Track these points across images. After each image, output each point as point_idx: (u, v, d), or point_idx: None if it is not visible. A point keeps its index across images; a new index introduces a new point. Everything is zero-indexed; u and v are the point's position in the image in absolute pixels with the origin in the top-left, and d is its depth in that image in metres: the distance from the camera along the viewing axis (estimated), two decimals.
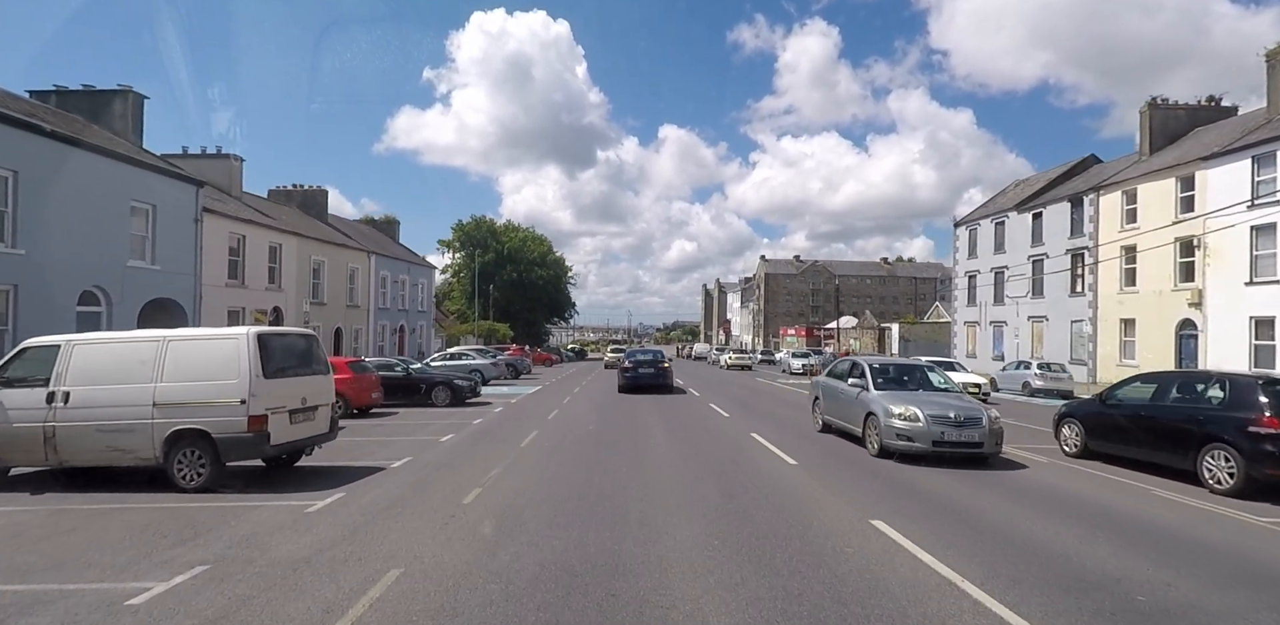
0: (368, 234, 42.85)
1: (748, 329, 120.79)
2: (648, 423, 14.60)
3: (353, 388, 15.16)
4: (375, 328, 37.98)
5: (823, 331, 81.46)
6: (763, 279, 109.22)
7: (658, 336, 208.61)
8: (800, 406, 17.78)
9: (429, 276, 46.89)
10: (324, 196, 37.36)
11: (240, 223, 25.74)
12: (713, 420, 15.22)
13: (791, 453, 10.78)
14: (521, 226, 73.78)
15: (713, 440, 12.21)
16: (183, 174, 22.54)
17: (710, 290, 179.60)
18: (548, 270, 70.27)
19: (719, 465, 9.72)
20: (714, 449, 11.24)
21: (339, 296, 33.86)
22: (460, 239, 67.96)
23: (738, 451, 10.96)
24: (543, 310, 73.02)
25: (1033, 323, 36.89)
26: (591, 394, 22.87)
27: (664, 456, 10.46)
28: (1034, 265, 37.00)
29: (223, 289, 24.54)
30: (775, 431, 13.25)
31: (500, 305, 67.72)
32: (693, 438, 12.50)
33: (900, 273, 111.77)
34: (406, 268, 42.78)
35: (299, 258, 30.14)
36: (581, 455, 10.49)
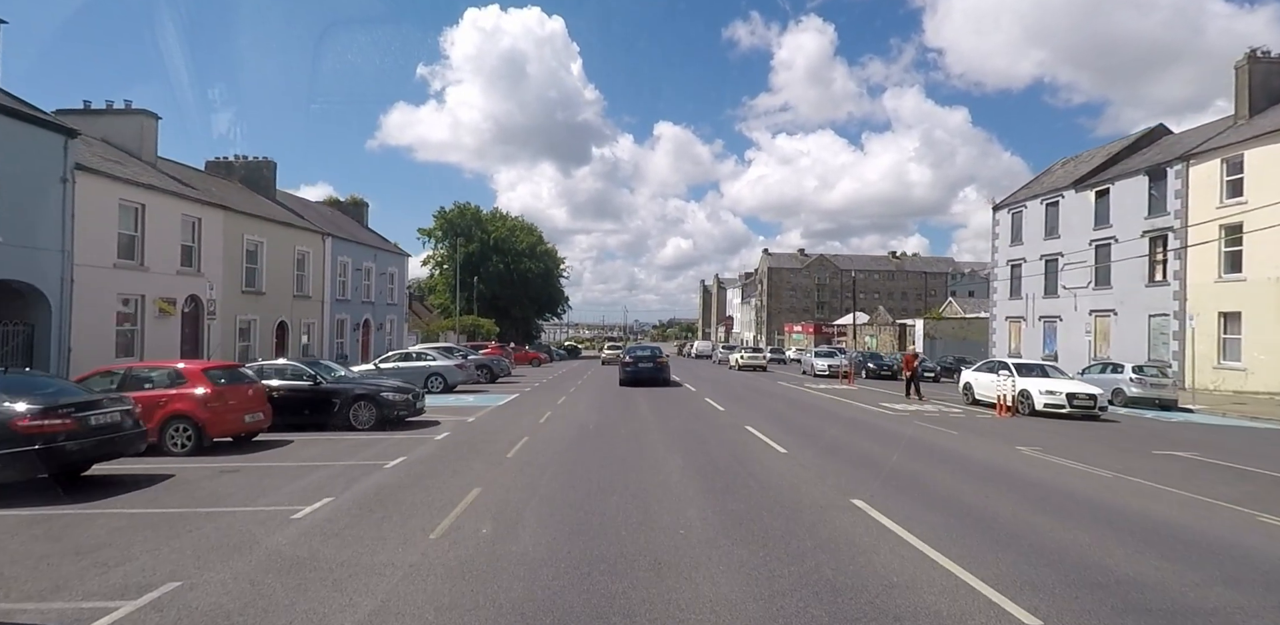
0: (328, 216, 37.49)
1: (749, 326, 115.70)
2: (674, 474, 8.90)
3: (209, 407, 9.89)
4: (331, 322, 32.66)
5: (833, 328, 76.33)
6: (765, 274, 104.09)
7: (654, 334, 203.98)
8: (889, 435, 12.62)
9: (401, 265, 41.61)
10: (271, 170, 32.01)
11: (138, 189, 20.40)
12: (779, 471, 8.90)
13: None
14: (510, 215, 68.41)
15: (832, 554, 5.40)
16: (44, 119, 17.19)
17: (709, 286, 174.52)
18: (538, 262, 64.87)
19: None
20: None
21: (283, 285, 28.54)
22: (443, 227, 62.58)
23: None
24: (533, 305, 67.68)
25: (1096, 318, 31.77)
26: (582, 406, 17.66)
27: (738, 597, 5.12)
28: (1098, 251, 31.89)
29: (110, 271, 19.22)
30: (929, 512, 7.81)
31: (486, 299, 62.41)
32: (782, 539, 5.71)
33: (909, 267, 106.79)
34: (373, 254, 37.45)
35: (228, 236, 24.82)
36: (556, 579, 5.04)
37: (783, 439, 11.46)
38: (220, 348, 24.31)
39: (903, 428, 13.69)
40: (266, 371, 12.76)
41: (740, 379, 30.76)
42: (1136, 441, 12.83)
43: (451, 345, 28.51)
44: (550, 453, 10.08)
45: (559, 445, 10.82)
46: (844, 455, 10.16)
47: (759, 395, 21.78)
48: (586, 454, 10.02)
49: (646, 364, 25.27)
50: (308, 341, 30.97)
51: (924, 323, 50.74)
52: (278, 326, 28.17)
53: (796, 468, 9.04)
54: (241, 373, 11.22)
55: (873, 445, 11.28)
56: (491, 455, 9.92)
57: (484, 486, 7.70)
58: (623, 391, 22.14)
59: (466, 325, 54.39)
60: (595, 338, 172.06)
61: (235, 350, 25.27)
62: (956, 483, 8.24)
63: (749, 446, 10.72)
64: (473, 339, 55.73)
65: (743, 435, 11.96)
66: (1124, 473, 9.10)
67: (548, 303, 71.48)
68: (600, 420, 14.22)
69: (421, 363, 21.31)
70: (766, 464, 9.21)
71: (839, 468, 9.08)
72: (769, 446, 10.72)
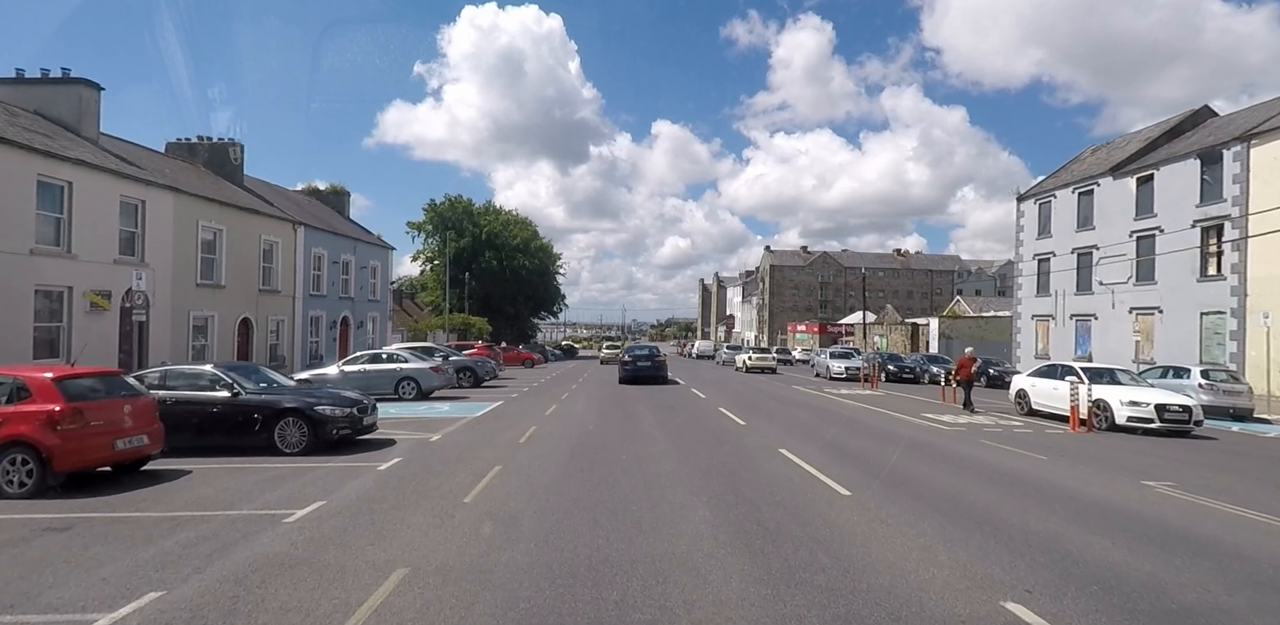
0: (304, 204, 34.74)
1: (750, 325, 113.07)
2: (702, 542, 6.03)
3: (58, 431, 7.20)
4: (304, 319, 29.92)
5: (839, 328, 73.72)
6: (767, 271, 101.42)
7: (652, 333, 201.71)
8: (965, 463, 10.03)
9: (385, 259, 38.85)
10: (238, 152, 29.24)
11: (63, 164, 17.66)
12: (858, 534, 5.92)
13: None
14: (504, 209, 65.63)
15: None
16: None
17: (708, 285, 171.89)
18: (532, 258, 62.06)
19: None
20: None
21: (247, 278, 25.81)
22: (433, 221, 59.76)
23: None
24: (528, 304, 64.94)
25: (1138, 316, 29.13)
26: (575, 417, 14.97)
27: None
28: (1139, 243, 29.25)
29: (25, 259, 16.49)
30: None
31: (479, 297, 59.71)
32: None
33: (915, 265, 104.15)
34: (353, 246, 34.70)
35: (179, 222, 22.10)
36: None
37: (837, 471, 8.76)
38: (169, 348, 21.59)
39: (974, 450, 11.02)
40: (172, 379, 10.05)
41: (750, 382, 28.09)
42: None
43: (431, 345, 25.82)
44: (526, 496, 7.40)
45: (539, 481, 8.13)
46: (927, 499, 7.43)
47: (779, 404, 19.11)
48: (576, 497, 7.34)
49: (645, 363, 26.01)
50: (276, 341, 28.24)
51: (939, 322, 48.11)
52: (240, 324, 25.44)
53: (875, 524, 6.31)
54: (120, 383, 8.49)
55: (954, 479, 8.60)
56: (443, 498, 7.22)
57: (413, 567, 4.99)
58: (622, 398, 19.51)
59: (457, 324, 51.65)
60: (593, 337, 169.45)
61: (188, 351, 22.55)
62: (1127, 554, 5.55)
63: (796, 485, 8.03)
64: (464, 339, 53.02)
65: (782, 466, 9.25)
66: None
67: (543, 301, 68.74)
68: (597, 440, 11.53)
69: (392, 365, 18.60)
70: (833, 519, 6.47)
71: (939, 525, 6.29)
72: (824, 485, 8.01)
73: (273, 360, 27.55)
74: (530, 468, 8.86)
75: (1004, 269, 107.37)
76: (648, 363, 25.90)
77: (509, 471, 8.57)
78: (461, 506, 6.89)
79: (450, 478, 8.22)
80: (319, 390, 10.50)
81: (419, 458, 9.58)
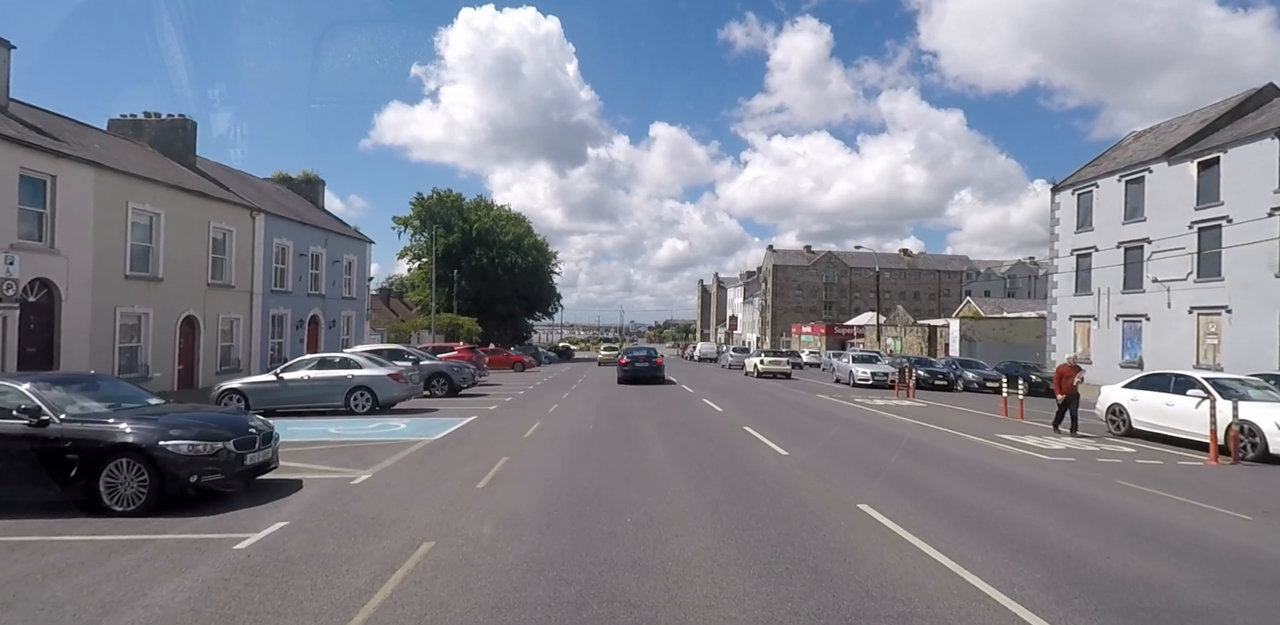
0: (269, 191, 31.47)
1: (752, 326, 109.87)
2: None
3: None
4: (264, 318, 26.65)
5: (848, 329, 70.54)
6: (770, 272, 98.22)
7: (651, 335, 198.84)
8: (1138, 527, 6.84)
9: (362, 253, 35.58)
10: (190, 131, 25.97)
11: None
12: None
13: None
14: (496, 204, 62.38)
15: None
16: None
17: (707, 286, 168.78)
18: (525, 256, 58.78)
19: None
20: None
21: (191, 270, 22.54)
22: (420, 216, 56.49)
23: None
24: (521, 303, 61.62)
25: (1200, 316, 25.94)
26: (561, 444, 11.67)
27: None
28: (1202, 234, 26.07)
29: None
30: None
31: (469, 296, 56.45)
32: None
33: (922, 265, 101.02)
34: (324, 238, 31.43)
35: (103, 203, 18.83)
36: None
37: (970, 553, 5.52)
38: (90, 350, 18.32)
39: (1124, 500, 7.76)
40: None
41: (767, 390, 24.86)
42: None
43: (401, 347, 22.54)
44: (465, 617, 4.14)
45: (487, 592, 4.84)
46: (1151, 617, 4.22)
47: (814, 420, 15.84)
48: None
49: (643, 364, 26.66)
50: (230, 342, 24.96)
51: (959, 323, 44.89)
52: (183, 322, 22.16)
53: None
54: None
55: (1151, 564, 5.38)
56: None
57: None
58: (624, 411, 16.30)
59: (444, 325, 48.39)
60: (590, 338, 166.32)
61: (114, 353, 19.27)
62: None
63: (906, 569, 4.80)
64: (453, 340, 49.76)
65: (882, 542, 5.91)
66: None
67: (538, 301, 65.50)
68: (588, 484, 8.19)
69: (342, 372, 15.31)
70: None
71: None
72: (985, 597, 4.78)
73: (226, 364, 24.29)
74: (479, 553, 5.54)
75: (1014, 269, 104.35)
76: (645, 364, 26.58)
77: (442, 562, 5.27)
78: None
79: (337, 575, 4.94)
80: (184, 416, 7.20)
81: (313, 523, 6.30)
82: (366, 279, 36.34)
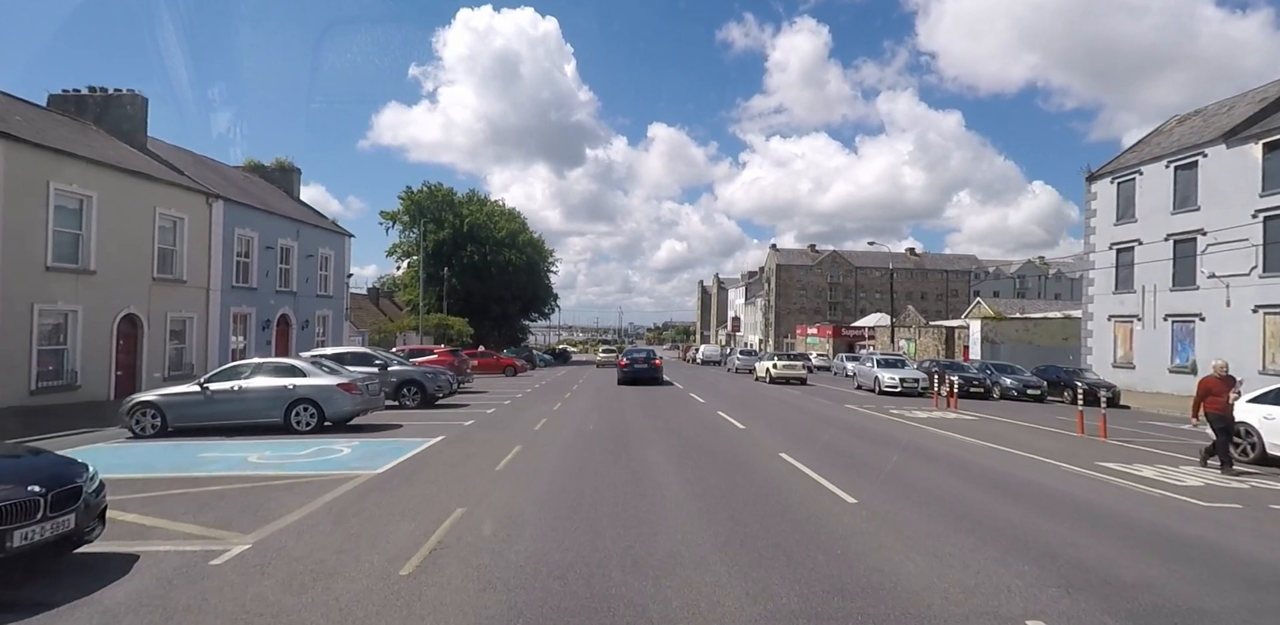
0: (235, 178, 28.72)
1: (753, 328, 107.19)
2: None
3: None
4: (223, 317, 23.90)
5: (857, 331, 67.85)
6: (773, 271, 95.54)
7: (650, 336, 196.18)
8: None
9: (340, 247, 32.83)
10: (139, 108, 23.21)
11: None
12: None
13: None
14: (489, 199, 59.61)
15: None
16: None
17: (708, 287, 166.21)
18: (520, 253, 55.95)
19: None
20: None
21: (132, 261, 19.82)
22: (410, 210, 53.69)
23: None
24: (515, 303, 58.76)
25: (1266, 315, 23.27)
26: (546, 477, 8.94)
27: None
28: (1268, 224, 23.43)
29: None
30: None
31: (460, 295, 53.70)
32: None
33: (929, 265, 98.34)
34: (295, 230, 28.69)
35: (14, 182, 16.09)
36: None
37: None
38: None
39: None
40: None
41: (786, 399, 22.12)
42: None
43: (369, 350, 19.75)
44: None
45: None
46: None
47: (861, 441, 13.04)
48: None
49: (642, 365, 27.80)
50: (182, 343, 22.21)
51: (980, 324, 42.19)
52: (122, 321, 19.41)
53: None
54: None
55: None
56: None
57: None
58: (625, 429, 13.63)
59: (432, 325, 45.64)
60: (589, 340, 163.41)
61: (31, 358, 16.52)
62: None
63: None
64: (445, 342, 47.02)
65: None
66: None
67: (533, 300, 62.65)
68: (578, 581, 5.38)
69: (282, 380, 12.54)
70: None
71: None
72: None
73: (177, 369, 21.54)
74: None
75: (1024, 269, 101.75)
76: (644, 365, 27.78)
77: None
78: None
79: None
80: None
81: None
82: (346, 275, 33.60)
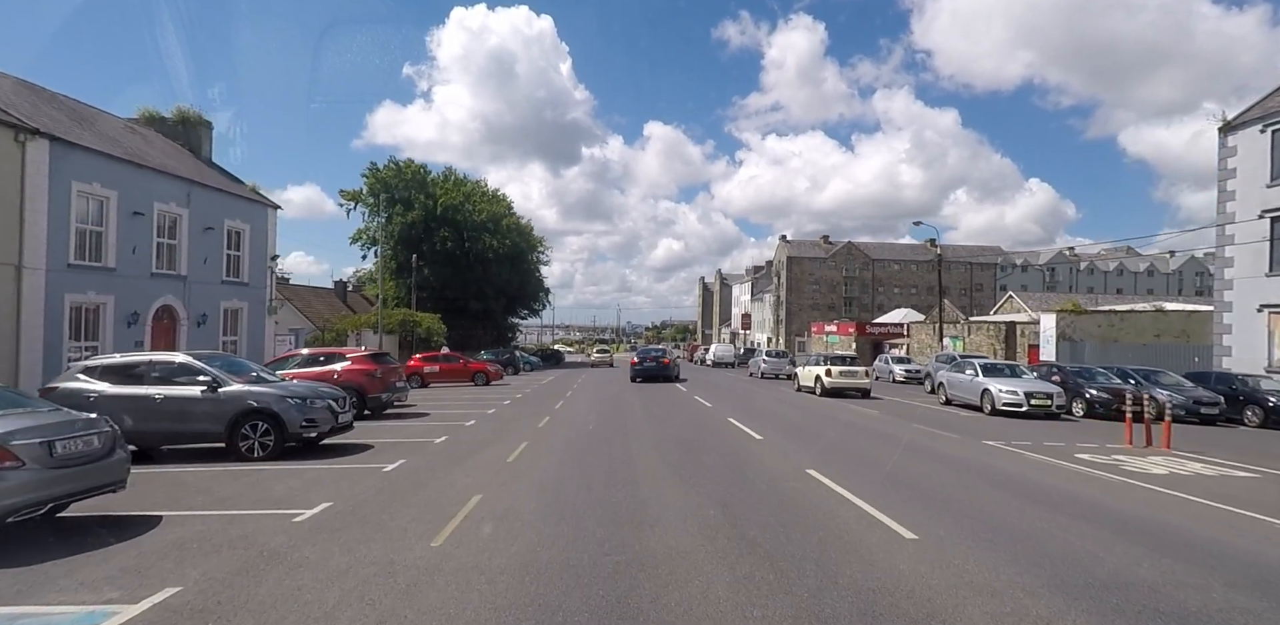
0: (100, 125, 21.36)
1: (762, 325, 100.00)
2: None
3: None
4: (51, 308, 16.60)
5: (883, 328, 60.59)
6: (784, 264, 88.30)
7: (648, 335, 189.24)
8: None
9: (260, 221, 25.53)
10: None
11: None
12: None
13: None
14: (469, 179, 52.13)
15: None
16: None
17: (709, 284, 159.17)
18: (503, 240, 48.41)
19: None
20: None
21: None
22: (374, 190, 46.26)
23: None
24: (499, 298, 51.29)
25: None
26: None
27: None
28: None
29: None
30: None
31: (433, 287, 46.43)
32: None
33: (951, 257, 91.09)
34: (184, 192, 21.42)
35: None
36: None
37: None
38: None
39: None
40: None
41: (873, 427, 14.86)
42: None
43: (194, 358, 12.20)
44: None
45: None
46: None
47: (1124, 543, 5.91)
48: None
49: (652, 364, 29.88)
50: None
51: (1056, 318, 34.93)
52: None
53: None
54: None
55: None
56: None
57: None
58: (643, 517, 6.36)
59: (395, 323, 38.33)
60: (585, 340, 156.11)
61: None
62: None
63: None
64: (407, 341, 39.77)
65: None
66: None
67: (519, 295, 55.11)
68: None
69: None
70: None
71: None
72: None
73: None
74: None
75: (1054, 260, 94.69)
76: (654, 364, 29.62)
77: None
78: None
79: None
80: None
81: None
82: (270, 257, 26.29)
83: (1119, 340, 33.85)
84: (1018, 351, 38.45)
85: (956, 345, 44.21)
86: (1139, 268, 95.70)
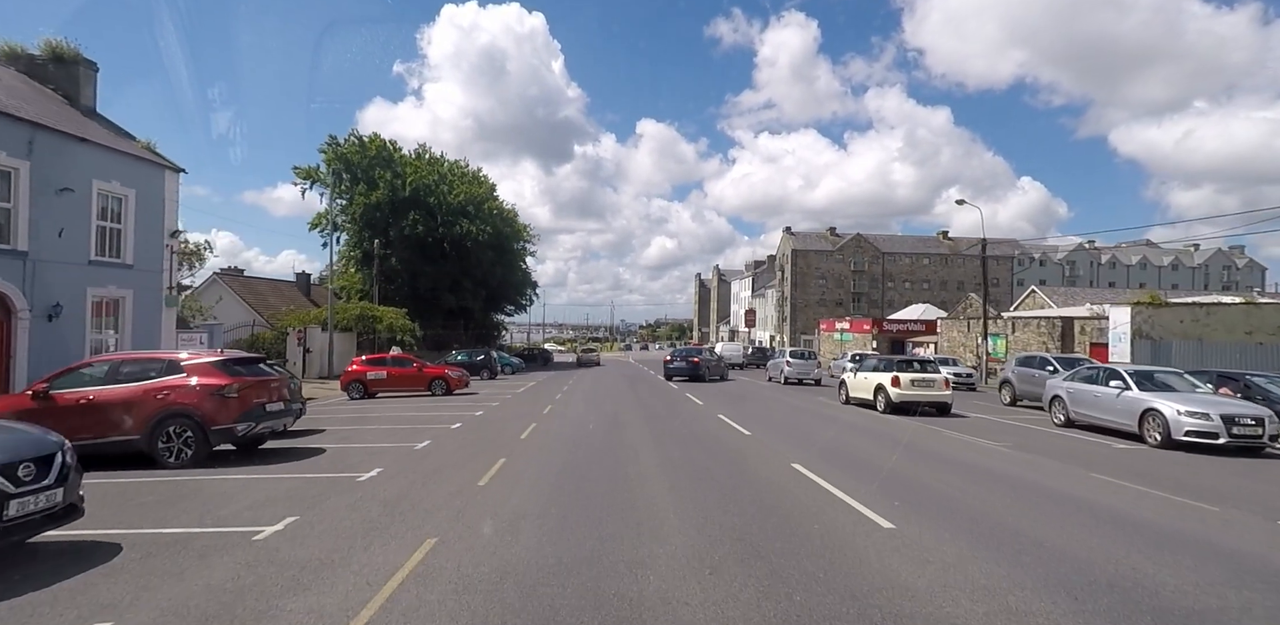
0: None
1: (764, 322, 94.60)
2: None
3: None
4: None
5: (902, 325, 55.13)
6: (788, 258, 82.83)
7: (643, 333, 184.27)
8: None
9: (153, 185, 19.88)
10: None
11: None
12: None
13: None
14: (444, 157, 46.24)
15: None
16: None
17: (706, 281, 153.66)
18: (483, 226, 42.50)
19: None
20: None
21: None
22: (334, 167, 40.36)
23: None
24: (478, 291, 45.40)
25: None
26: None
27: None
28: None
29: None
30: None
31: (401, 279, 40.71)
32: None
33: (965, 250, 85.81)
34: (24, 139, 15.71)
35: None
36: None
37: None
38: None
39: None
40: None
41: (1034, 481, 9.46)
42: None
43: None
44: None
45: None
46: None
47: None
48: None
49: (681, 363, 32.76)
50: None
51: (1131, 312, 29.49)
52: None
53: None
54: None
55: None
56: None
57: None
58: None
59: (350, 319, 32.63)
60: (578, 338, 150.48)
61: None
62: None
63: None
64: (373, 341, 34.13)
65: None
66: None
67: (502, 288, 49.18)
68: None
69: None
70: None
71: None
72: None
73: None
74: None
75: (1074, 254, 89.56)
76: (683, 363, 32.78)
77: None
78: None
79: None
80: None
81: None
82: (170, 234, 20.61)
83: (1203, 338, 28.49)
84: (1076, 352, 33.10)
85: (999, 343, 38.81)
86: (1163, 261, 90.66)
